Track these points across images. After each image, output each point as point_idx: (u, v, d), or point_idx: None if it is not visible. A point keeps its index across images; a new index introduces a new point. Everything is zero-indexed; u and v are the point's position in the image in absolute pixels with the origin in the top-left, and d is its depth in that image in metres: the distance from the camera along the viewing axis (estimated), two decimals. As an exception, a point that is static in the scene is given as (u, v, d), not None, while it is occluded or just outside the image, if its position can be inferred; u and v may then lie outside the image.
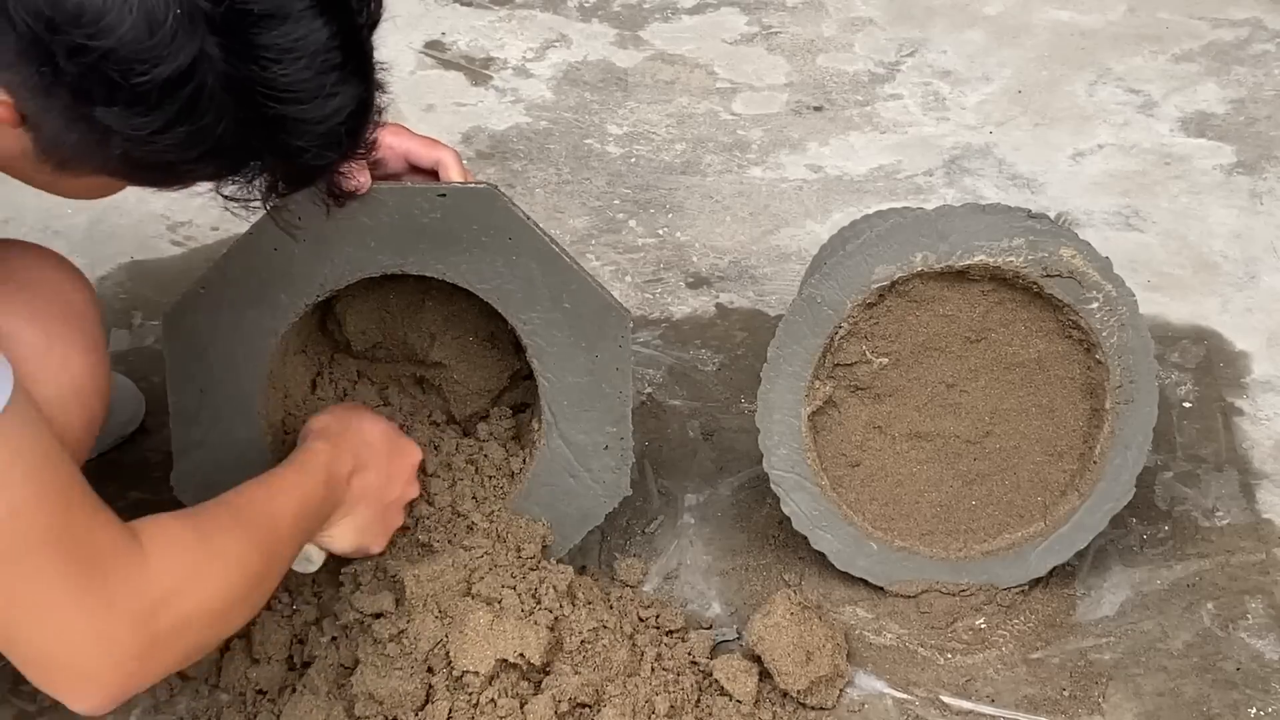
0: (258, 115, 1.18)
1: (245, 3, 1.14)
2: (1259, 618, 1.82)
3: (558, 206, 2.49)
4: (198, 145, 1.18)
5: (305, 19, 1.16)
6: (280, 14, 1.15)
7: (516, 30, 2.96)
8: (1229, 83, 2.81)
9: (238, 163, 1.23)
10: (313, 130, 1.21)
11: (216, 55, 1.14)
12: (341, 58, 1.20)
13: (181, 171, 1.23)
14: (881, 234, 1.69)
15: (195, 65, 1.13)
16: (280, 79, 1.17)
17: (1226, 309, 2.29)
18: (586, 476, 1.77)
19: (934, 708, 1.73)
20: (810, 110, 2.75)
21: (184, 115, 1.15)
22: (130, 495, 1.93)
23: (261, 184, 1.27)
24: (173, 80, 1.13)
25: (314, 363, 1.83)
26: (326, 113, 1.21)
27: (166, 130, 1.16)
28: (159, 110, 1.15)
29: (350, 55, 1.22)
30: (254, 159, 1.23)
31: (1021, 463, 1.80)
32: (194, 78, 1.14)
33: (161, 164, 1.20)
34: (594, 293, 1.68)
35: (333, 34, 1.18)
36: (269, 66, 1.16)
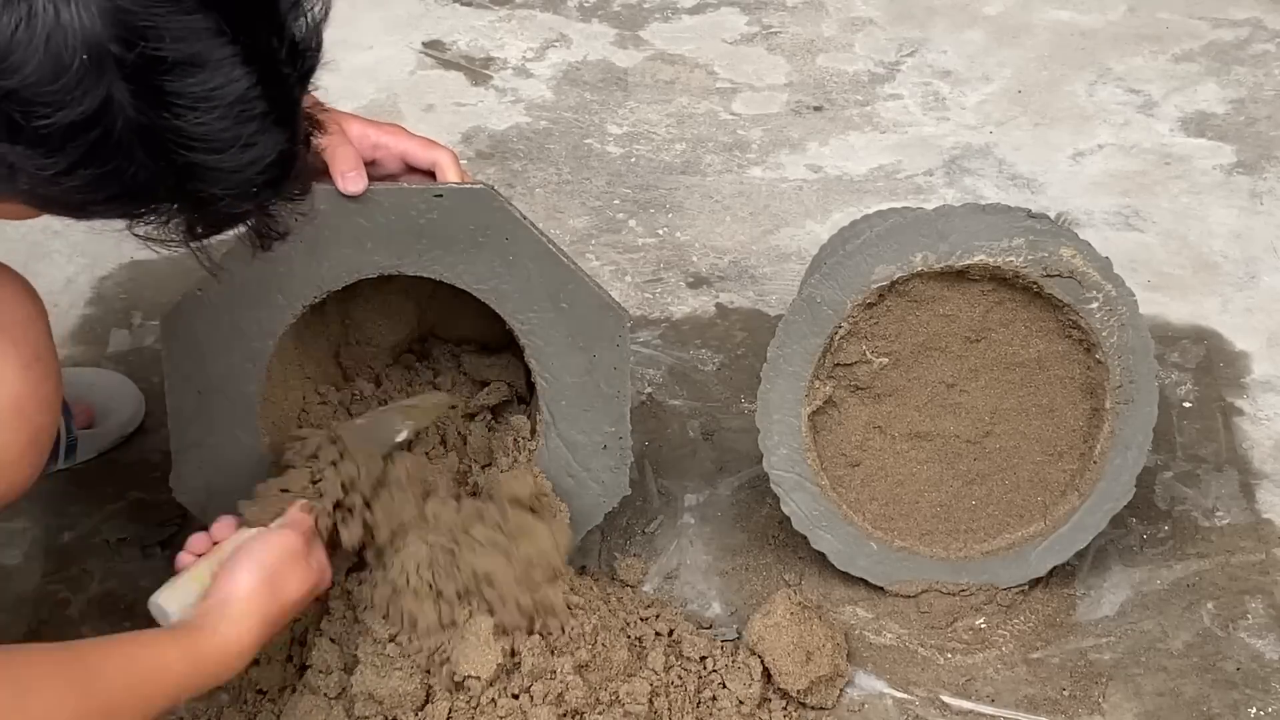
0: (168, 162, 1.14)
1: (159, 49, 1.10)
2: (1259, 618, 1.82)
3: (558, 206, 2.49)
4: (105, 188, 1.14)
5: (225, 68, 1.12)
6: (197, 62, 1.11)
7: (516, 30, 2.96)
8: (1229, 83, 2.81)
9: (148, 206, 1.19)
10: (227, 179, 1.17)
11: (126, 101, 1.10)
12: (264, 108, 1.15)
13: (90, 211, 1.19)
14: (881, 234, 1.69)
15: (102, 110, 1.09)
16: (193, 128, 1.12)
17: (1226, 309, 2.29)
18: (586, 476, 1.77)
19: (934, 708, 1.73)
20: (810, 110, 2.75)
21: (89, 159, 1.12)
22: (130, 495, 1.93)
23: (178, 226, 1.22)
24: (77, 125, 1.09)
25: (319, 368, 1.84)
26: (242, 163, 1.16)
27: (71, 172, 1.12)
28: (62, 153, 1.11)
29: (274, 105, 1.16)
30: (167, 203, 1.19)
31: (1021, 463, 1.80)
32: (100, 123, 1.10)
33: (69, 202, 1.17)
34: (592, 293, 1.68)
35: (254, 84, 1.14)
36: (182, 114, 1.12)
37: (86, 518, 1.91)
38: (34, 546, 1.88)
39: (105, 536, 1.88)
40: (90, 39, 1.08)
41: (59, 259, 2.32)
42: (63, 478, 1.95)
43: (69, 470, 1.96)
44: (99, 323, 2.23)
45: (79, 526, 1.90)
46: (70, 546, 1.88)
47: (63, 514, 1.91)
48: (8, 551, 1.87)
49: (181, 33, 1.10)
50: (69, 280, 2.30)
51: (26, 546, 1.88)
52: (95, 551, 1.87)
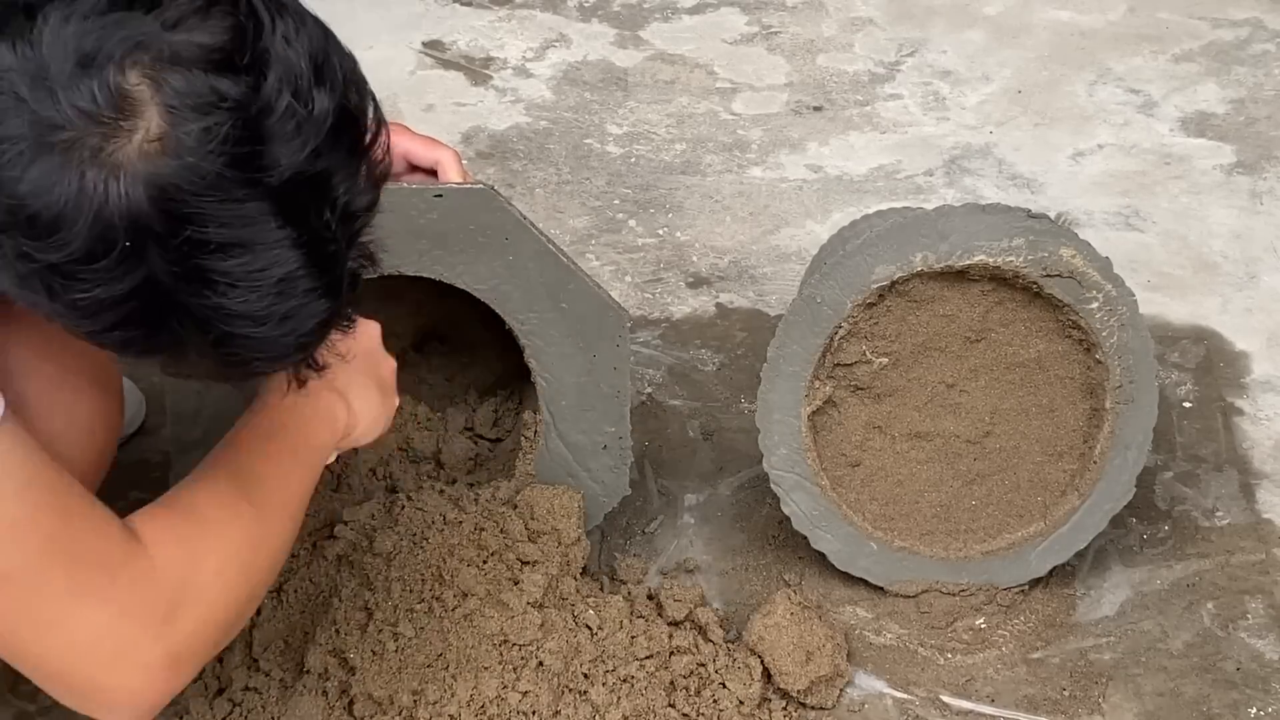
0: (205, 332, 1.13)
1: (205, 233, 1.08)
2: (1259, 618, 1.82)
3: (558, 206, 2.49)
4: (134, 347, 1.14)
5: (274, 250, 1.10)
6: (246, 245, 1.09)
7: (516, 30, 2.96)
8: (1229, 83, 2.81)
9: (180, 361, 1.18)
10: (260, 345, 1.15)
11: (166, 278, 1.08)
12: (310, 284, 1.13)
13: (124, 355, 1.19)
14: (881, 234, 1.69)
15: (139, 288, 1.08)
16: (235, 305, 1.11)
17: (1226, 309, 2.29)
18: (585, 476, 1.77)
19: (934, 708, 1.73)
20: (810, 110, 2.75)
21: (123, 325, 1.11)
22: (130, 495, 1.92)
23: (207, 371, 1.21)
24: (113, 301, 1.09)
25: None
26: (281, 332, 1.15)
27: (103, 333, 1.12)
28: (96, 320, 1.11)
29: (320, 280, 1.14)
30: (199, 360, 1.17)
31: (1021, 463, 1.80)
32: (133, 299, 1.09)
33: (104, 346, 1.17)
34: (591, 293, 1.68)
35: (303, 260, 1.12)
36: (225, 293, 1.10)
37: (86, 518, 1.91)
38: (34, 546, 1.88)
39: (105, 536, 1.88)
40: (135, 219, 1.06)
41: (59, 259, 2.32)
42: (63, 478, 1.95)
43: (69, 470, 1.96)
44: (99, 323, 2.23)
45: (79, 526, 1.90)
46: (70, 546, 1.88)
47: (63, 514, 1.91)
48: (8, 551, 1.87)
49: (230, 219, 1.08)
50: (69, 280, 2.30)
51: (26, 546, 1.88)
52: (95, 551, 1.87)
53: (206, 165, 1.06)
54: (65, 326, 1.14)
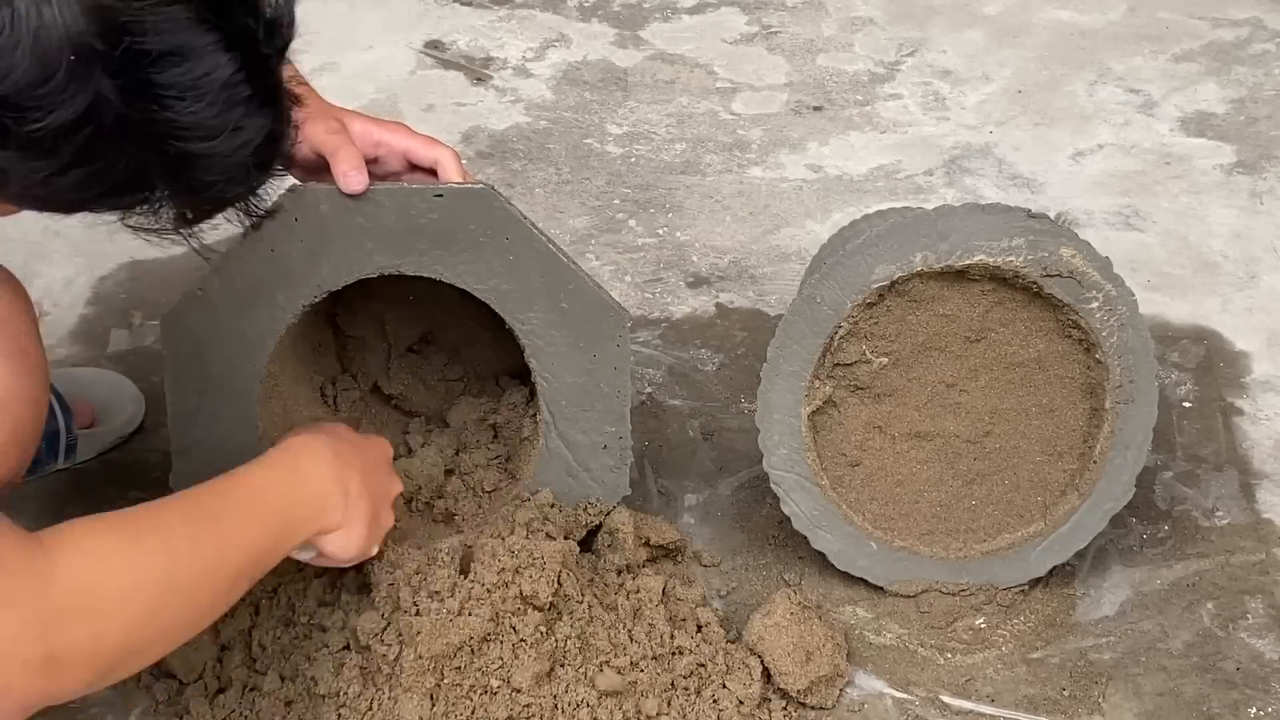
0: (161, 153, 1.15)
1: (143, 43, 1.10)
2: (1259, 618, 1.82)
3: (557, 206, 2.49)
4: (97, 185, 1.15)
5: (208, 55, 1.13)
6: (181, 52, 1.12)
7: (516, 30, 2.96)
8: (1229, 83, 2.81)
9: (141, 198, 1.19)
10: (219, 164, 1.18)
11: (114, 97, 1.10)
12: (249, 91, 1.17)
13: (83, 207, 1.20)
14: (881, 234, 1.69)
15: (92, 109, 1.10)
16: (183, 118, 1.13)
17: (1226, 309, 2.29)
18: (585, 476, 1.77)
19: (934, 708, 1.73)
20: (810, 110, 2.75)
21: (82, 158, 1.12)
22: (130, 495, 1.93)
23: (169, 214, 1.23)
24: (69, 125, 1.10)
25: (324, 368, 1.84)
26: (233, 146, 1.17)
27: (64, 173, 1.13)
28: (55, 155, 1.11)
29: (258, 87, 1.18)
30: (159, 192, 1.19)
31: (1021, 463, 1.80)
32: (91, 121, 1.10)
33: (61, 200, 1.17)
34: (592, 292, 1.68)
35: (237, 68, 1.15)
36: (170, 105, 1.13)
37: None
38: (34, 546, 1.88)
39: (105, 536, 1.88)
40: (75, 38, 1.08)
41: (58, 259, 2.32)
42: (63, 478, 1.95)
43: (69, 470, 1.96)
44: (99, 323, 2.23)
45: (79, 526, 1.89)
46: (70, 546, 1.87)
47: (63, 514, 1.89)
48: (8, 551, 1.87)
49: (164, 25, 1.11)
50: (69, 280, 2.30)
51: (26, 546, 1.88)
52: (95, 551, 1.86)
53: None
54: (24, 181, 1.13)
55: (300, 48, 1.42)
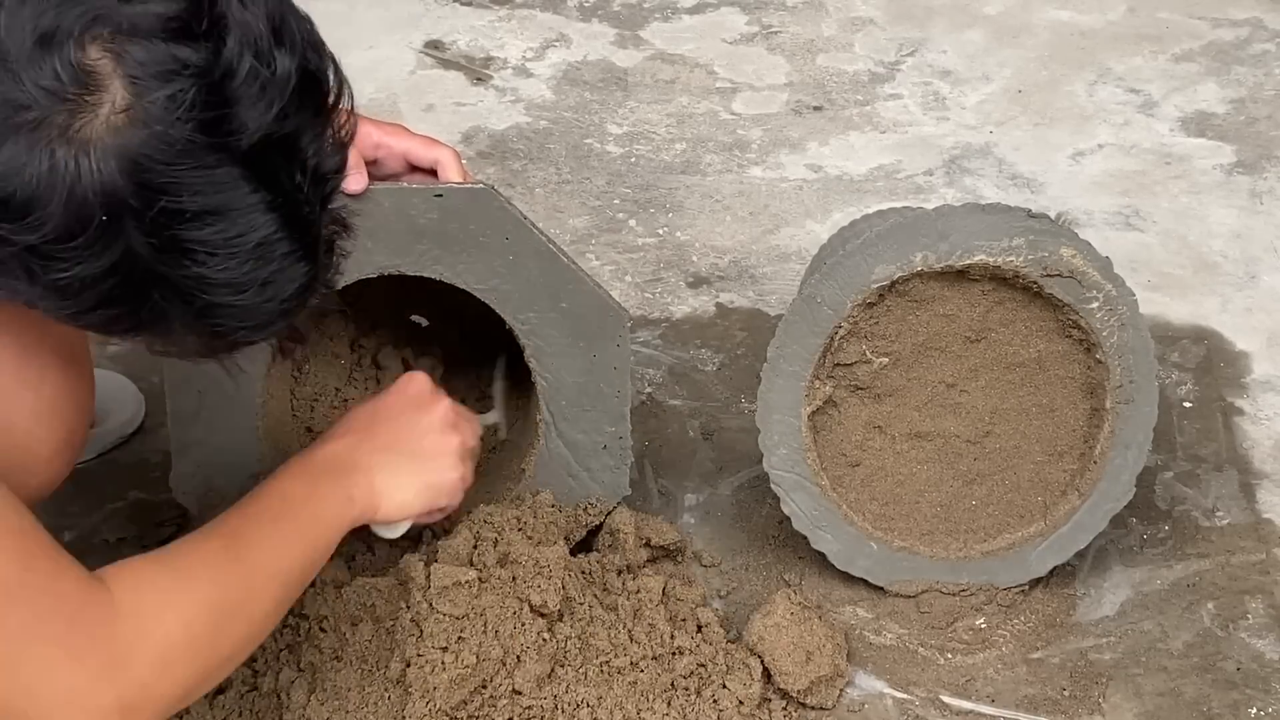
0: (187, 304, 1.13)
1: (179, 202, 1.08)
2: (1259, 618, 1.82)
3: (558, 206, 2.49)
4: (119, 325, 1.15)
5: (248, 215, 1.11)
6: (219, 211, 1.10)
7: (516, 30, 2.96)
8: (1229, 82, 2.81)
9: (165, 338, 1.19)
10: (245, 314, 1.16)
11: (144, 251, 1.09)
12: (286, 248, 1.14)
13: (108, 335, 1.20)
14: (881, 234, 1.69)
15: (119, 263, 1.09)
16: (214, 274, 1.12)
17: (1226, 309, 2.29)
18: (585, 476, 1.77)
19: (934, 708, 1.73)
20: (810, 110, 2.75)
21: (105, 304, 1.12)
22: (130, 495, 1.93)
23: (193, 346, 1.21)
24: (94, 278, 1.09)
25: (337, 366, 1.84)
26: (262, 300, 1.15)
27: (87, 313, 1.13)
28: (79, 300, 1.11)
29: (298, 243, 1.15)
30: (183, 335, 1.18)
31: (1021, 463, 1.80)
32: (116, 275, 1.09)
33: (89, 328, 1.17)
34: (592, 292, 1.68)
35: (279, 225, 1.13)
36: (204, 262, 1.11)
37: (86, 518, 1.91)
38: (34, 546, 1.88)
39: (105, 536, 1.88)
40: (109, 194, 1.07)
41: (59, 259, 2.32)
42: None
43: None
44: (99, 323, 2.23)
45: (79, 526, 1.89)
46: (70, 546, 1.84)
47: (63, 514, 1.91)
48: (8, 551, 1.87)
49: (203, 186, 1.09)
50: (69, 280, 2.30)
51: (26, 546, 1.88)
52: (95, 551, 1.86)
53: (175, 133, 1.07)
54: (47, 311, 1.14)
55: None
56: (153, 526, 1.88)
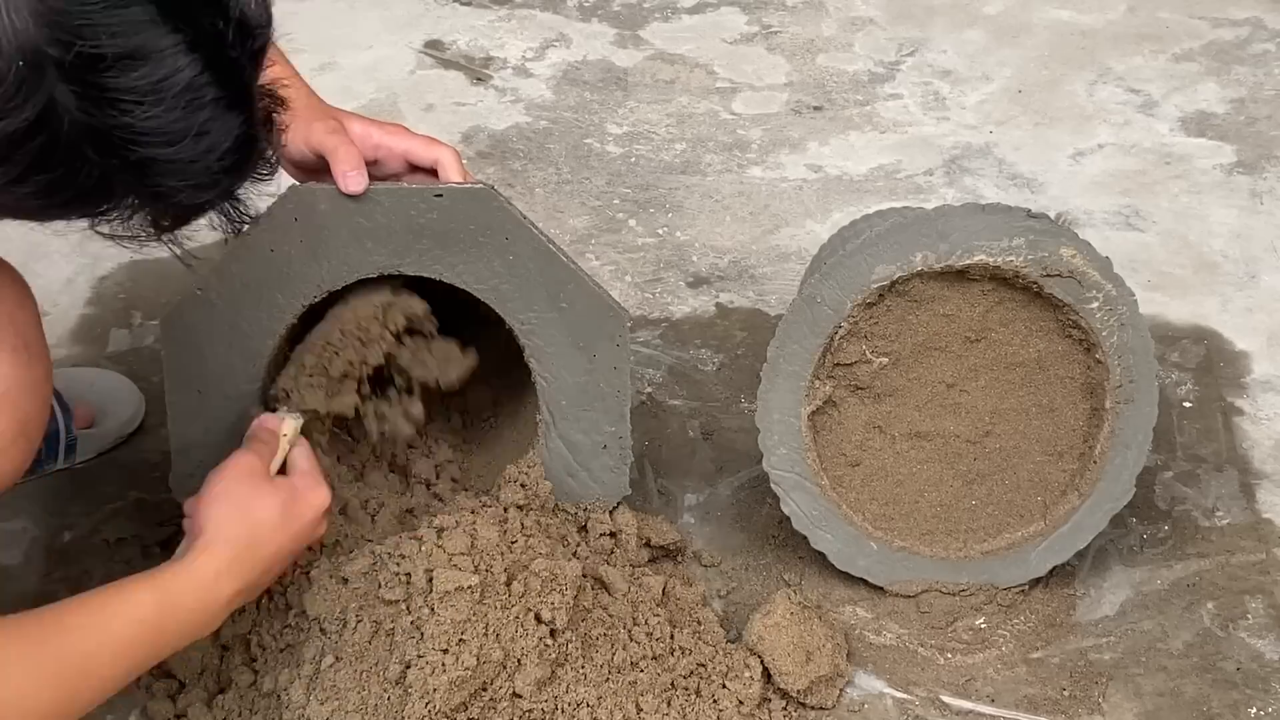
0: (121, 159, 1.11)
1: (98, 46, 1.07)
2: (1259, 618, 1.82)
3: (557, 206, 2.49)
4: (59, 192, 1.12)
5: (168, 58, 1.09)
6: (139, 55, 1.08)
7: (516, 30, 2.96)
8: (1229, 82, 2.81)
9: (106, 205, 1.16)
10: (184, 170, 1.14)
11: (70, 103, 1.08)
12: (215, 93, 1.13)
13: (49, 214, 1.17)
14: (881, 234, 1.69)
15: (45, 116, 1.07)
16: (142, 123, 1.10)
17: (1226, 309, 2.29)
18: (585, 476, 1.77)
19: (934, 708, 1.73)
20: (810, 110, 2.75)
21: (39, 165, 1.09)
22: (130, 495, 1.93)
23: (142, 221, 1.19)
24: (21, 132, 1.07)
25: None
26: (198, 152, 1.14)
27: (23, 180, 1.10)
28: (10, 162, 1.09)
29: (226, 89, 1.14)
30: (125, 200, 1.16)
31: (1021, 462, 1.80)
32: (45, 128, 1.08)
33: (25, 208, 1.15)
34: (591, 292, 1.68)
35: (201, 70, 1.11)
36: (129, 110, 1.09)
37: (86, 518, 1.91)
38: (34, 546, 1.88)
39: (105, 536, 1.88)
40: (25, 44, 1.05)
41: (59, 259, 2.32)
42: (63, 478, 1.95)
43: (69, 470, 1.96)
44: (99, 323, 2.23)
45: (79, 526, 1.90)
46: (70, 546, 1.88)
47: (63, 514, 1.91)
48: (8, 551, 1.87)
49: (119, 27, 1.08)
50: (69, 280, 2.30)
51: (26, 546, 1.88)
52: (95, 551, 1.87)
53: None
54: None
55: (300, 48, 1.42)
56: (153, 526, 1.88)
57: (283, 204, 1.61)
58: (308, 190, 1.62)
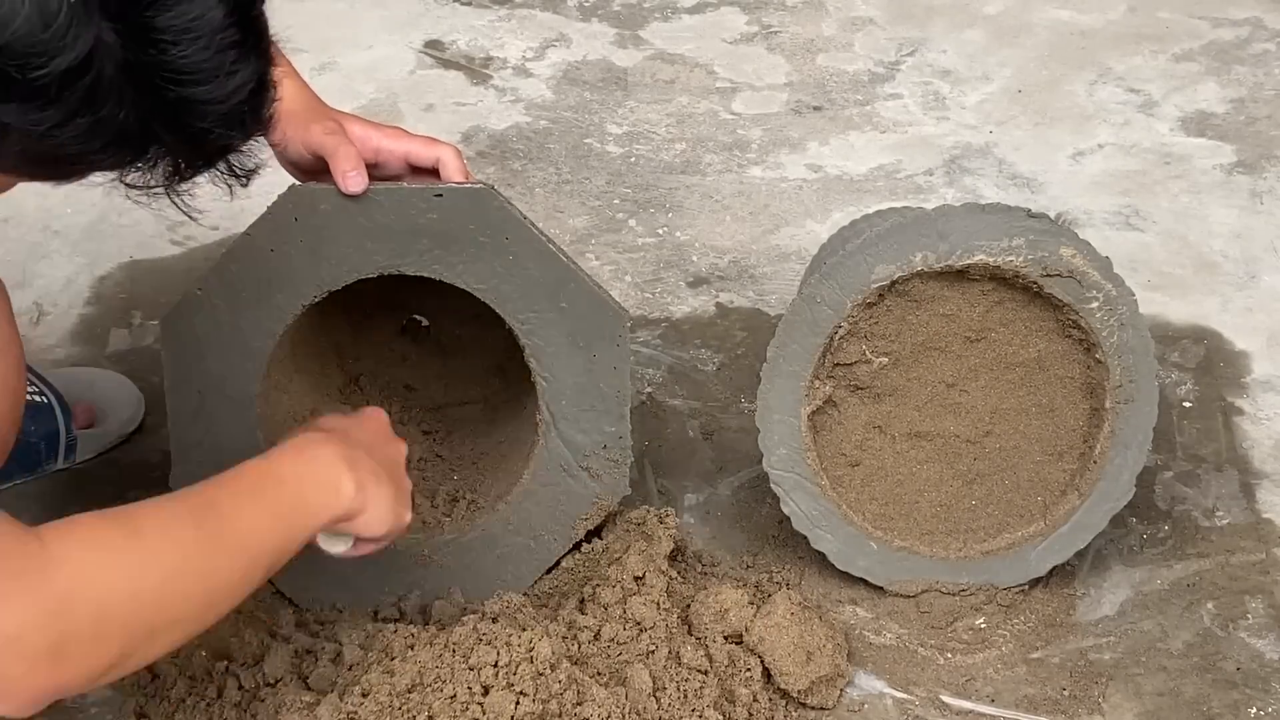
0: (160, 100, 1.16)
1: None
2: (1259, 618, 1.82)
3: (557, 206, 2.49)
4: (100, 136, 1.15)
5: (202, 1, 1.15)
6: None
7: (516, 30, 2.96)
8: (1229, 82, 2.81)
9: (141, 149, 1.20)
10: (216, 110, 1.19)
11: (113, 42, 1.11)
12: (239, 35, 1.18)
13: (84, 163, 1.19)
14: (881, 234, 1.69)
15: (93, 54, 1.10)
16: (180, 61, 1.14)
17: (1226, 309, 2.29)
18: (585, 476, 1.77)
19: (934, 708, 1.73)
20: (810, 110, 2.75)
21: (84, 106, 1.12)
22: (130, 495, 1.92)
23: (164, 169, 1.23)
24: (71, 72, 1.10)
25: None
26: (228, 90, 1.18)
27: (67, 123, 1.13)
28: (58, 104, 1.11)
29: (247, 32, 1.19)
30: (157, 144, 1.20)
31: (1021, 462, 1.80)
32: (92, 67, 1.11)
33: (63, 156, 1.17)
34: (591, 292, 1.68)
35: (228, 11, 1.16)
36: (167, 49, 1.14)
37: (86, 518, 1.90)
38: (34, 546, 1.88)
39: (105, 536, 1.88)
40: None
41: (58, 259, 2.32)
42: (63, 478, 1.95)
43: (69, 470, 1.96)
44: (98, 323, 2.23)
45: (79, 526, 1.89)
46: (70, 546, 1.88)
47: (63, 514, 1.90)
48: (7, 551, 1.87)
49: None
50: (68, 280, 2.30)
51: (26, 546, 1.88)
52: (95, 551, 1.86)
53: None
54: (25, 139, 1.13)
55: (300, 48, 1.42)
56: (153, 526, 1.88)
57: (283, 204, 1.61)
58: (308, 190, 1.62)
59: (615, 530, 1.79)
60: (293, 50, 1.48)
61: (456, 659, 1.54)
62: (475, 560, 1.78)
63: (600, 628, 1.68)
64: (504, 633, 1.57)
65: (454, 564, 1.78)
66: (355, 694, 1.53)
